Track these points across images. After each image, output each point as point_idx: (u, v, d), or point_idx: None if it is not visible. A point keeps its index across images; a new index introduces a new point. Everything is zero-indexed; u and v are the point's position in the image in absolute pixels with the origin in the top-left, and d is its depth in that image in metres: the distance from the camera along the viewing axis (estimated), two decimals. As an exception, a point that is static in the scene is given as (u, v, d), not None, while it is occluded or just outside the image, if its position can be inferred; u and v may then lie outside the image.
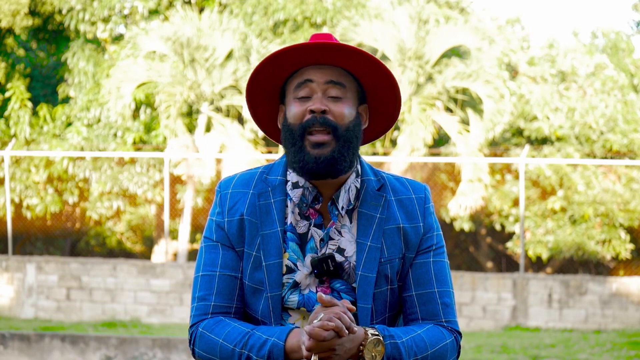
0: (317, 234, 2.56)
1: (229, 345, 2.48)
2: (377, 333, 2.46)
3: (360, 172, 2.61)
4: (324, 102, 2.53)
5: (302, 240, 2.56)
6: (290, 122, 2.55)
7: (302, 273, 2.54)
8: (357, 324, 2.53)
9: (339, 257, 2.55)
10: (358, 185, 2.60)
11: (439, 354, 2.53)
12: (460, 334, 2.61)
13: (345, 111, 2.54)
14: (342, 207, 2.57)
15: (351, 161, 2.54)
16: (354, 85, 2.59)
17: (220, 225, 2.59)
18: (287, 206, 2.58)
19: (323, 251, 2.55)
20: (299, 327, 2.46)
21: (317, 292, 2.54)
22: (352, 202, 2.58)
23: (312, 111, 2.52)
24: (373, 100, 2.65)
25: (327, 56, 2.55)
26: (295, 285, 2.54)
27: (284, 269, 2.55)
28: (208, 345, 2.52)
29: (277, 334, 2.44)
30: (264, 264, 2.53)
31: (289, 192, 2.58)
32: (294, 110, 2.54)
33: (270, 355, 2.42)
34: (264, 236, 2.55)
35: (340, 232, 2.57)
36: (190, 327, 2.57)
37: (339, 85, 2.55)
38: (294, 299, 2.54)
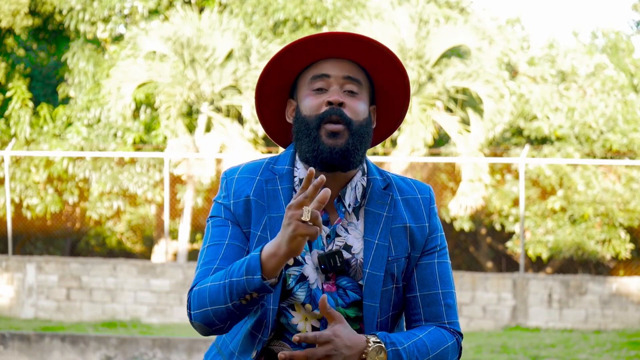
0: (323, 230, 2.55)
1: (216, 283, 2.43)
2: (378, 340, 2.45)
3: (366, 170, 2.61)
4: (341, 95, 2.52)
5: None
6: (305, 114, 2.53)
7: (310, 267, 2.53)
8: (363, 322, 2.53)
9: (346, 254, 2.54)
10: (364, 184, 2.59)
11: (440, 357, 2.53)
12: (461, 335, 2.61)
13: (360, 107, 2.54)
14: (349, 205, 2.57)
15: (362, 156, 2.54)
16: (368, 84, 2.59)
17: (227, 206, 2.57)
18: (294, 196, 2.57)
19: (330, 247, 2.54)
20: (273, 240, 2.41)
21: (323, 289, 2.53)
22: (359, 200, 2.58)
23: (329, 103, 2.51)
24: (382, 100, 2.65)
25: (344, 49, 2.55)
26: (303, 279, 2.53)
27: (292, 261, 2.52)
28: (200, 297, 2.46)
29: (253, 251, 2.40)
30: None
31: (296, 188, 2.57)
32: (309, 103, 2.53)
33: (248, 269, 2.36)
34: (272, 218, 2.53)
35: (346, 229, 2.56)
36: (189, 292, 2.52)
37: (355, 81, 2.55)
38: (301, 294, 2.52)
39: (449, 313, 2.59)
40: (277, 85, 2.62)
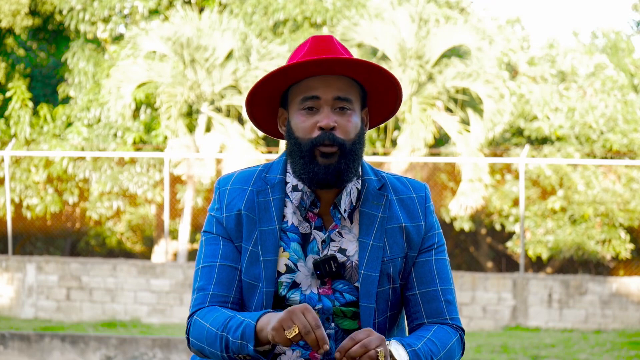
0: (318, 235, 2.57)
1: (214, 329, 2.49)
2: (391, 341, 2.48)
3: (360, 172, 2.62)
4: (332, 118, 2.53)
5: (304, 241, 2.57)
6: (297, 135, 2.54)
7: (303, 273, 2.54)
8: (360, 323, 2.54)
9: (340, 257, 2.55)
10: (359, 187, 2.60)
11: (449, 354, 2.55)
12: (463, 330, 2.62)
13: (352, 125, 2.54)
14: (345, 210, 2.58)
15: (356, 170, 2.56)
16: (358, 94, 2.60)
17: (219, 220, 2.60)
18: (285, 205, 2.59)
19: (325, 252, 2.56)
20: (272, 311, 2.46)
21: (318, 293, 2.55)
22: (354, 204, 2.59)
23: (321, 128, 2.52)
24: (374, 101, 2.66)
25: (333, 69, 2.55)
26: (295, 285, 2.54)
27: (284, 268, 2.55)
28: (198, 332, 2.53)
29: (251, 316, 2.45)
30: (261, 259, 2.54)
31: (289, 194, 2.59)
32: (301, 124, 2.54)
33: (243, 335, 2.41)
34: (262, 232, 2.55)
35: (341, 234, 2.57)
36: (188, 317, 2.58)
37: (345, 100, 2.55)
38: (295, 298, 2.54)
39: (449, 309, 2.60)
40: (268, 98, 2.63)
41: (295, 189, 2.58)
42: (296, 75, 2.55)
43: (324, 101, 2.54)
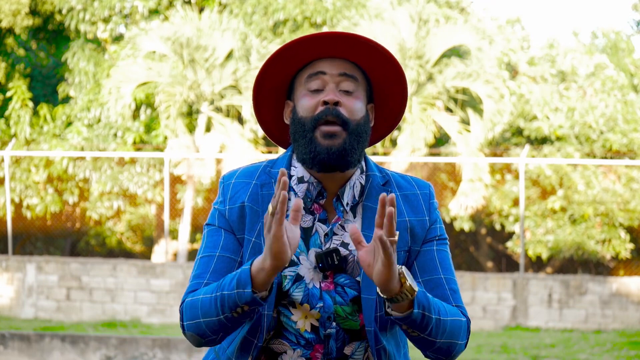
0: (321, 228, 2.57)
1: (208, 295, 2.46)
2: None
3: (365, 168, 2.62)
4: (337, 94, 2.53)
5: (307, 234, 2.56)
6: (301, 115, 2.55)
7: (305, 267, 2.54)
8: (362, 315, 2.54)
9: (343, 251, 2.54)
10: (363, 182, 2.60)
11: (456, 326, 2.50)
12: (469, 320, 2.59)
13: (356, 105, 2.55)
14: (347, 204, 2.58)
15: (360, 155, 2.55)
16: (365, 82, 2.60)
17: (222, 213, 2.61)
18: (289, 199, 2.58)
19: (327, 246, 2.55)
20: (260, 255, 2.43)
21: (320, 287, 2.54)
22: (357, 198, 2.59)
23: (325, 102, 2.52)
24: (380, 98, 2.66)
25: (339, 48, 2.56)
26: (298, 279, 2.54)
27: None
28: (192, 309, 2.49)
29: (244, 266, 2.43)
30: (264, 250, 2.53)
31: (294, 186, 2.59)
32: (305, 104, 2.55)
33: (239, 283, 2.38)
34: None
35: (343, 227, 2.57)
36: (181, 305, 2.55)
37: (351, 78, 2.56)
38: (298, 293, 2.53)
39: (455, 297, 2.57)
40: (274, 87, 2.63)
41: (300, 180, 2.58)
42: (302, 56, 2.56)
43: (330, 76, 2.54)
